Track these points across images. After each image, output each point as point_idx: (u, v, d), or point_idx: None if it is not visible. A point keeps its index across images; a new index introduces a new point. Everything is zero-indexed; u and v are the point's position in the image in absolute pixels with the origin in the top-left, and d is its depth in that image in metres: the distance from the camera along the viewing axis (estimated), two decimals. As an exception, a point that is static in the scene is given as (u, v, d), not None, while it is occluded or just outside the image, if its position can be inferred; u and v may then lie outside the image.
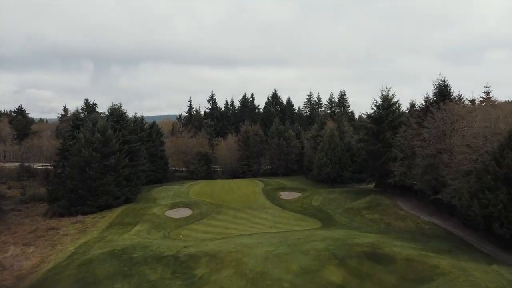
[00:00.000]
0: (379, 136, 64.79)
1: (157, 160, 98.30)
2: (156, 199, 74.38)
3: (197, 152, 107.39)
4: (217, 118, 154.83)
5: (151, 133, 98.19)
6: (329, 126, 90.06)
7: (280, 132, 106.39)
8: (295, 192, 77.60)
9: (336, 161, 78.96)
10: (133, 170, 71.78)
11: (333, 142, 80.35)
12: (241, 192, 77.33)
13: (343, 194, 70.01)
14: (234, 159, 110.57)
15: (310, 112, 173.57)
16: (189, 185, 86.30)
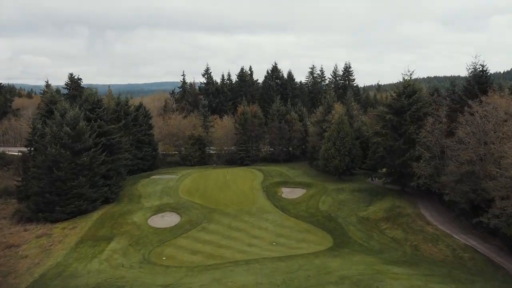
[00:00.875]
0: (399, 130, 54.86)
1: (145, 147, 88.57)
2: (141, 197, 65.40)
3: (189, 136, 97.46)
4: (212, 94, 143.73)
5: (137, 116, 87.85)
6: (337, 109, 79.74)
7: (282, 114, 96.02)
8: (299, 188, 68.49)
9: (345, 153, 69.29)
10: (113, 166, 62.27)
11: (343, 130, 70.34)
12: (238, 188, 68.13)
13: (355, 194, 60.87)
14: (231, 143, 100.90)
15: (313, 86, 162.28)
16: (180, 177, 77.05)
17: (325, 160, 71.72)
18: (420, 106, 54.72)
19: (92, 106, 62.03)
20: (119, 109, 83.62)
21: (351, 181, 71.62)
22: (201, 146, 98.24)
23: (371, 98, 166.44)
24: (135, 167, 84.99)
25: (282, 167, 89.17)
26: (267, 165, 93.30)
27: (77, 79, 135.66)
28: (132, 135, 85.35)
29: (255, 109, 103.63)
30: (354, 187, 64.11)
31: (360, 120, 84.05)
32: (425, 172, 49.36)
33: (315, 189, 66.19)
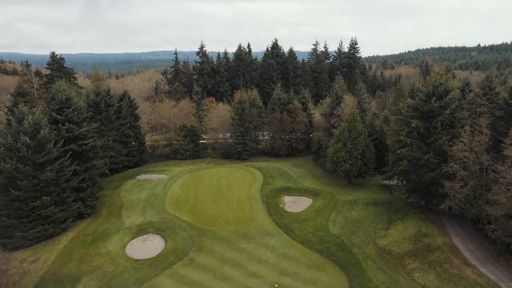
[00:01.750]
0: (428, 139, 45.36)
1: (130, 141, 79.16)
2: (122, 208, 56.80)
3: (181, 126, 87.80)
4: (207, 74, 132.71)
5: (121, 107, 77.80)
6: (346, 101, 69.76)
7: (283, 104, 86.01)
8: (303, 197, 59.70)
9: (358, 156, 60.10)
10: (87, 175, 53.03)
11: (355, 129, 60.84)
12: (233, 197, 59.23)
13: (369, 209, 52.12)
14: (227, 130, 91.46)
15: (316, 65, 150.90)
16: (169, 179, 68.06)
17: (333, 163, 62.62)
18: (453, 111, 44.97)
19: (59, 106, 52.03)
20: (99, 100, 73.57)
21: (363, 187, 62.86)
22: (194, 138, 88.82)
23: (378, 77, 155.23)
24: (119, 165, 76.07)
25: (284, 164, 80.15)
26: (267, 160, 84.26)
27: (59, 58, 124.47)
28: (115, 129, 75.79)
29: (253, 95, 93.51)
30: (368, 199, 55.24)
31: (372, 114, 74.35)
32: (460, 194, 40.38)
33: (322, 199, 57.34)
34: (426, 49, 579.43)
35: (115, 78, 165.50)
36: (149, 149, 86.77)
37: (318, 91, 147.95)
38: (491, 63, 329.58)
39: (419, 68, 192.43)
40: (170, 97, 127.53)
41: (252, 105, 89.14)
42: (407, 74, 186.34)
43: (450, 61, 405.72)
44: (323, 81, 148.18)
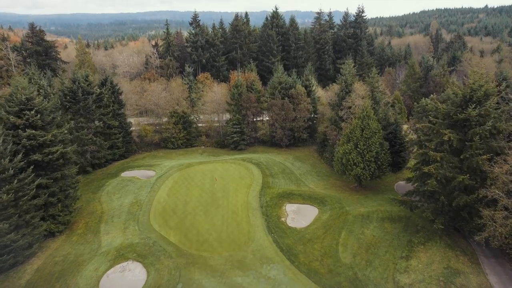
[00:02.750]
0: (462, 155, 37.40)
1: (114, 133, 71.03)
2: (101, 221, 49.89)
3: (172, 113, 79.38)
4: (202, 47, 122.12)
5: (102, 95, 68.95)
6: (357, 91, 60.99)
7: (285, 88, 77.06)
8: (308, 205, 52.50)
9: (371, 159, 52.28)
10: (56, 188, 45.38)
11: (368, 127, 52.63)
12: (228, 206, 51.94)
13: (385, 227, 44.94)
14: (223, 121, 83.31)
15: (319, 35, 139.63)
16: (157, 180, 60.60)
17: (342, 166, 54.91)
18: (495, 120, 36.71)
19: (19, 108, 43.46)
20: (76, 88, 64.68)
21: (376, 192, 55.66)
22: (186, 125, 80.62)
23: (386, 49, 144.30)
24: (102, 160, 68.44)
25: (285, 157, 72.50)
26: (267, 152, 76.56)
27: (39, 30, 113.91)
28: (96, 120, 67.44)
29: (251, 77, 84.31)
30: (383, 213, 47.92)
31: (384, 104, 65.78)
32: (502, 228, 33.00)
33: (330, 210, 50.10)
34: (431, 10, 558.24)
35: (103, 49, 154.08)
36: (137, 138, 78.68)
37: (322, 65, 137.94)
38: (501, 27, 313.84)
39: (429, 37, 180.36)
40: (162, 73, 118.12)
41: (250, 89, 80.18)
42: (415, 43, 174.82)
43: (457, 24, 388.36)
44: (327, 53, 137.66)
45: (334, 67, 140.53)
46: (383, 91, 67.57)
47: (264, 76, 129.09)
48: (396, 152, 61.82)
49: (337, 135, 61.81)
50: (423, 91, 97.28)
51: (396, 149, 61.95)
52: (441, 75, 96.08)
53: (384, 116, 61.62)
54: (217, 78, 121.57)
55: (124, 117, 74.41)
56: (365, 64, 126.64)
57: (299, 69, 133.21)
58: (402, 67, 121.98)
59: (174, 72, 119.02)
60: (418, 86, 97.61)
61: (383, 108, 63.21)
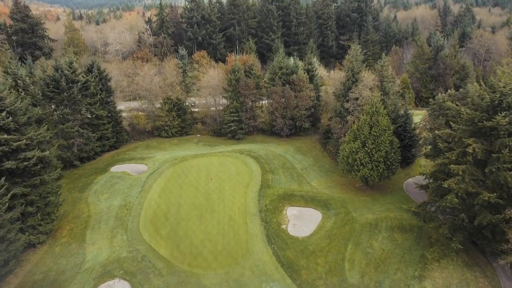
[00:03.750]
0: (485, 166, 33.08)
1: (103, 123, 66.41)
2: (88, 225, 46.46)
3: (165, 99, 74.43)
4: (197, 24, 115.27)
5: (88, 83, 63.77)
6: (365, 81, 55.93)
7: (286, 74, 71.74)
8: (311, 209, 48.65)
9: (379, 159, 47.99)
10: (35, 196, 41.29)
11: (377, 124, 48.04)
12: (225, 210, 48.09)
13: (395, 238, 41.23)
14: (219, 105, 78.47)
15: (322, 10, 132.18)
16: (148, 178, 56.72)
17: (348, 165, 50.72)
18: (528, 129, 32.13)
19: (-14, 110, 38.74)
20: (59, 77, 59.47)
21: (384, 192, 51.81)
22: (181, 113, 75.82)
23: (392, 24, 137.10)
24: (90, 153, 64.11)
25: (286, 148, 68.25)
26: (266, 141, 72.20)
27: (23, 6, 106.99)
28: (83, 110, 62.61)
29: (250, 61, 78.74)
30: (392, 220, 44.07)
31: (393, 93, 60.80)
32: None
33: (334, 215, 46.29)
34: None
35: (94, 24, 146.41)
36: (128, 127, 74.00)
37: (324, 41, 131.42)
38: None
39: (436, 10, 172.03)
40: (155, 51, 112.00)
41: (249, 74, 74.86)
42: (422, 17, 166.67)
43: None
44: (329, 29, 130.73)
45: (337, 44, 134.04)
46: (393, 81, 62.38)
47: (263, 54, 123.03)
48: (405, 146, 57.52)
49: (342, 129, 57.29)
50: (432, 73, 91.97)
51: (405, 143, 57.61)
52: (452, 56, 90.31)
53: (394, 108, 56.84)
54: (214, 56, 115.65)
55: (114, 106, 69.49)
56: (370, 41, 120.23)
57: (300, 46, 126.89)
58: (409, 44, 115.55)
59: (168, 50, 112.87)
60: (427, 68, 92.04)
61: (392, 99, 58.31)
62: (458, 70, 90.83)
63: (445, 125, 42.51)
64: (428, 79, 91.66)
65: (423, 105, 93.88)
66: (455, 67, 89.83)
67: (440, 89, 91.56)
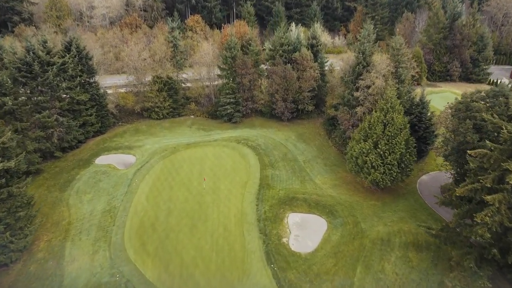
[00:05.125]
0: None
1: (85, 110, 60.24)
2: (68, 235, 42.15)
3: (154, 77, 67.67)
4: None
5: (66, 64, 56.82)
6: (378, 67, 49.11)
7: (288, 51, 64.46)
8: (315, 215, 43.89)
9: (393, 162, 42.52)
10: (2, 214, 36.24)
11: (392, 123, 42.13)
12: (220, 218, 43.35)
13: (409, 257, 36.75)
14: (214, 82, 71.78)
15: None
16: (135, 175, 51.58)
17: (357, 167, 45.33)
18: None
19: None
20: (32, 60, 52.50)
21: (395, 196, 46.79)
22: (172, 93, 69.29)
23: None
24: (73, 142, 58.46)
25: (287, 135, 62.70)
26: (265, 126, 66.39)
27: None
28: (61, 98, 56.19)
29: (248, 33, 70.98)
30: (407, 236, 39.42)
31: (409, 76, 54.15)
32: None
33: (341, 225, 41.61)
34: None
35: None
36: (115, 109, 67.64)
37: (328, 3, 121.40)
38: None
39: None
40: (145, 16, 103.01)
41: (246, 49, 67.48)
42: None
43: None
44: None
45: (342, 5, 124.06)
46: (409, 67, 55.37)
47: (262, 17, 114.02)
48: (419, 138, 51.85)
49: (350, 120, 51.35)
50: (447, 44, 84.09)
51: (419, 135, 51.89)
52: (470, 25, 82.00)
53: (409, 97, 50.54)
54: (209, 21, 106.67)
55: (97, 88, 62.79)
56: (378, 4, 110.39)
57: (302, 9, 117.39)
58: (422, 8, 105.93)
59: (159, 15, 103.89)
60: (442, 38, 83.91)
61: (408, 86, 51.78)
62: (476, 41, 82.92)
63: (473, 130, 36.65)
64: (443, 50, 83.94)
65: (435, 79, 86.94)
66: (472, 37, 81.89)
67: (455, 62, 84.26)
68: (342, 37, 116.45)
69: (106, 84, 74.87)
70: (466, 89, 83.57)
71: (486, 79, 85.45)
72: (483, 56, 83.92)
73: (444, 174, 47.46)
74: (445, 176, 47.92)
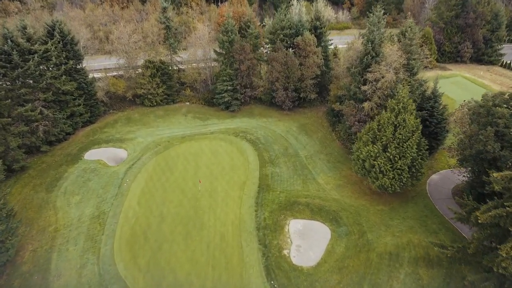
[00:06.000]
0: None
1: (72, 100, 56.31)
2: (54, 245, 39.51)
3: (146, 62, 63.27)
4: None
5: (49, 52, 52.41)
6: (388, 60, 44.83)
7: (289, 36, 59.73)
8: (318, 222, 41.10)
9: (404, 167, 39.27)
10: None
11: (404, 125, 38.56)
12: (216, 225, 40.59)
13: (420, 274, 34.23)
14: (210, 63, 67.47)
15: None
16: (126, 174, 48.53)
17: (364, 170, 42.13)
18: None
19: None
20: (10, 49, 48.08)
21: (404, 200, 43.83)
22: (166, 79, 65.08)
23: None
24: (60, 135, 55.01)
25: (288, 126, 59.21)
26: (265, 115, 62.76)
27: None
28: (45, 89, 52.10)
29: (246, 14, 65.76)
30: (417, 249, 36.78)
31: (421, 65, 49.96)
32: None
33: (346, 235, 38.91)
34: None
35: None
36: (105, 97, 63.54)
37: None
38: None
39: None
40: None
41: (245, 31, 62.60)
42: None
43: None
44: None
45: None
46: (422, 57, 50.89)
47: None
48: (430, 134, 48.42)
49: (356, 115, 47.64)
50: (459, 23, 78.80)
51: (430, 130, 48.42)
52: (485, 2, 76.48)
53: (421, 91, 46.62)
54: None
55: (85, 75, 58.51)
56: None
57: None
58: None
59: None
60: (453, 16, 78.48)
61: (420, 79, 47.68)
62: (490, 19, 77.61)
63: (494, 138, 33.20)
64: (454, 30, 78.72)
65: (445, 60, 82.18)
66: (487, 16, 76.57)
67: (467, 43, 79.30)
68: (346, 11, 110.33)
69: (95, 67, 70.58)
70: (477, 71, 79.29)
71: (499, 60, 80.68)
72: (497, 36, 78.84)
73: (457, 175, 44.35)
74: (457, 176, 44.91)
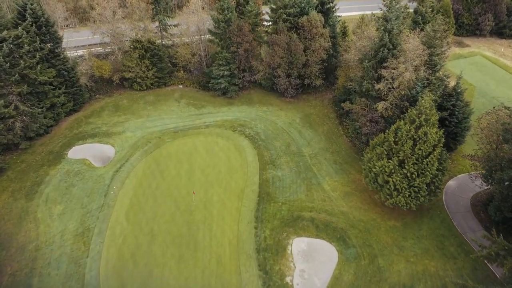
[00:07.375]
0: None
1: (51, 91, 50.77)
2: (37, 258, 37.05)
3: (133, 42, 56.96)
4: None
5: (21, 39, 46.15)
6: (408, 55, 38.89)
7: (293, 15, 52.87)
8: (324, 241, 37.45)
9: (422, 185, 34.91)
10: None
11: (425, 140, 33.67)
12: (212, 242, 36.92)
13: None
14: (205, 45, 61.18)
15: None
16: (113, 179, 44.43)
17: (376, 184, 37.81)
18: None
19: None
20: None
21: (419, 215, 39.81)
22: (156, 60, 58.93)
23: None
24: (41, 130, 50.17)
25: (291, 117, 54.38)
26: (265, 103, 57.63)
27: None
28: (20, 82, 46.34)
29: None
30: (433, 280, 33.31)
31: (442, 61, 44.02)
32: None
33: (354, 259, 35.38)
34: None
35: None
36: (89, 82, 57.72)
37: None
38: None
39: None
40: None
41: (243, 8, 55.55)
42: None
43: None
44: None
45: None
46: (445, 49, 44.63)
47: None
48: (449, 134, 43.63)
49: (367, 116, 42.53)
50: (479, -8, 70.98)
51: (450, 131, 43.57)
52: (512, -32, 68.28)
53: (442, 90, 41.16)
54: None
55: (65, 60, 52.39)
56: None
57: None
58: None
59: None
60: (475, -16, 70.57)
61: (441, 75, 41.95)
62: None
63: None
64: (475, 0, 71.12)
65: (462, 33, 75.06)
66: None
67: (488, 14, 71.90)
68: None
69: (77, 43, 63.88)
70: (498, 47, 72.64)
71: (522, 34, 73.94)
72: (522, 7, 71.52)
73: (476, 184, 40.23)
74: (476, 183, 40.82)
